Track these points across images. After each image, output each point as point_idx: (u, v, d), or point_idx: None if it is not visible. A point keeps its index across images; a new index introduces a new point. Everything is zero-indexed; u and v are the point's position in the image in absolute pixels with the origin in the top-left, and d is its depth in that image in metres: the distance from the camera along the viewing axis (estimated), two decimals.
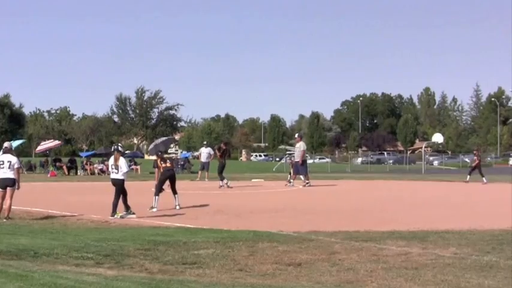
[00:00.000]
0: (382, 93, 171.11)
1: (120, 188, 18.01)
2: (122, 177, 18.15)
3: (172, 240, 13.16)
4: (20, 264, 10.06)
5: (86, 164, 50.66)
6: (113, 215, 17.65)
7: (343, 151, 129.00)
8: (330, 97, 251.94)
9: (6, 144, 19.00)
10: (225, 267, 10.32)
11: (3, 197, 17.56)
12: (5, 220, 17.06)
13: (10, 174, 17.67)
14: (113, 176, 18.43)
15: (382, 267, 10.28)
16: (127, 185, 18.31)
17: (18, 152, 54.70)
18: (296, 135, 38.27)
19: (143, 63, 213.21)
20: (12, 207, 17.61)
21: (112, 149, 19.15)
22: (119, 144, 21.21)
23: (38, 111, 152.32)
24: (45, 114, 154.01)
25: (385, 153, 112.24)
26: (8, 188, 17.61)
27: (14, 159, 17.96)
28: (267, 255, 11.41)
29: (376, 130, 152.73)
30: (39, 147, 56.14)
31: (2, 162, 17.79)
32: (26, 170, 49.75)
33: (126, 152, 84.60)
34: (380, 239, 13.29)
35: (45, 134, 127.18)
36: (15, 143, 52.13)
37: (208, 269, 10.21)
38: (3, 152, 18.42)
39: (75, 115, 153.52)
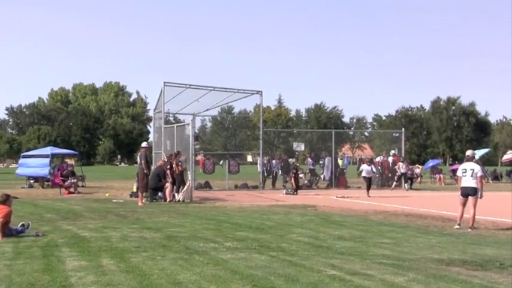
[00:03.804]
0: None
1: None
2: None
3: None
4: (485, 275, 9.66)
5: None
6: None
7: None
8: None
9: (468, 152, 18.63)
10: None
11: (464, 205, 17.34)
12: (469, 230, 16.63)
13: (472, 183, 17.32)
14: None
15: None
16: None
17: (484, 161, 54.35)
18: None
19: None
20: (476, 216, 17.05)
21: None
22: None
23: (504, 120, 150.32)
24: None
25: None
26: (470, 197, 17.28)
27: (477, 167, 17.66)
28: None
29: None
30: (506, 156, 55.20)
31: (464, 170, 17.52)
32: (492, 179, 49.11)
33: None
34: None
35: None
36: (480, 152, 51.86)
37: None
38: (466, 160, 18.12)
39: None
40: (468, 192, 17.29)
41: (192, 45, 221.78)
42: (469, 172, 17.38)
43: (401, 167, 38.55)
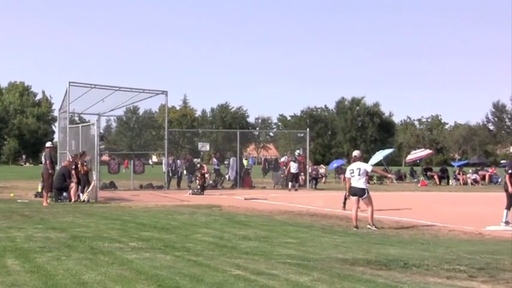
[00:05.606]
0: None
1: None
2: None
3: None
4: (389, 274, 9.73)
5: (459, 173, 49.86)
6: None
7: None
8: None
9: (355, 153, 18.67)
10: None
11: (358, 204, 17.54)
12: (368, 226, 17.05)
13: (360, 184, 17.56)
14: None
15: None
16: None
17: (388, 161, 55.56)
18: None
19: None
20: (381, 216, 17.37)
21: None
22: None
23: (408, 120, 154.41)
24: (416, 122, 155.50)
25: None
26: (361, 199, 17.53)
27: (363, 165, 17.92)
28: None
29: None
30: (410, 157, 56.61)
31: (352, 171, 17.74)
32: (396, 179, 50.25)
33: (502, 161, 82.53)
34: None
35: (415, 143, 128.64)
36: (385, 152, 53.02)
37: None
38: (353, 161, 18.33)
39: (447, 123, 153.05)
40: (356, 193, 17.49)
41: (97, 45, 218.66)
42: (356, 172, 17.52)
43: (292, 167, 38.69)
